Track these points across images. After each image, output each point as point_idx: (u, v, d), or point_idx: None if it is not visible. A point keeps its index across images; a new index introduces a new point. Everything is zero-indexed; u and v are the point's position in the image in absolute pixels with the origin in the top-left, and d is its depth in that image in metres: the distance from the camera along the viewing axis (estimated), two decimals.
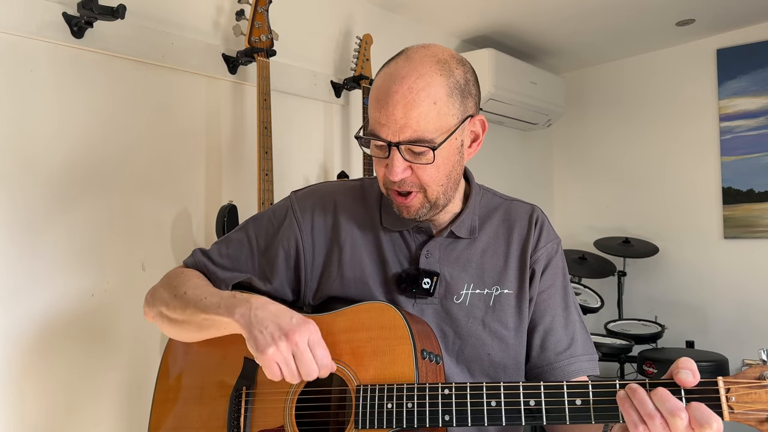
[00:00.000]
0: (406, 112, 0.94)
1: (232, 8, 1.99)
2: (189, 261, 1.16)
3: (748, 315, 3.06)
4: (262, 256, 1.12)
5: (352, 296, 1.07)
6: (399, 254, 1.09)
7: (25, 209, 1.53)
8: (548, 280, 1.10)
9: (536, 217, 1.13)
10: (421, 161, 0.97)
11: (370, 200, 1.14)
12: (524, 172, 3.63)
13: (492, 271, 1.08)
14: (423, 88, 0.94)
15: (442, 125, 0.96)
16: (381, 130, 0.96)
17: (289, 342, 0.91)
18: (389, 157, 0.97)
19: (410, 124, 0.94)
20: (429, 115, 0.95)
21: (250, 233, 1.14)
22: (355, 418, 0.93)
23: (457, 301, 1.06)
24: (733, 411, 0.75)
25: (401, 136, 0.95)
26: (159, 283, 1.15)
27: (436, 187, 1.01)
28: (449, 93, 0.97)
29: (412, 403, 0.90)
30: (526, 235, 1.11)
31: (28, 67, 1.54)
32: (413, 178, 0.99)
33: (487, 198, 1.15)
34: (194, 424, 1.08)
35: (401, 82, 0.95)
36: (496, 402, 0.87)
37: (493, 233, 1.11)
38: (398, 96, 0.94)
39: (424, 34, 2.81)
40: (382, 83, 0.98)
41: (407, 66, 0.97)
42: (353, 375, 0.96)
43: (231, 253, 1.13)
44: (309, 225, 1.11)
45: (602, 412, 0.82)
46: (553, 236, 1.13)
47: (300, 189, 1.18)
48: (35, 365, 1.53)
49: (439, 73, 0.96)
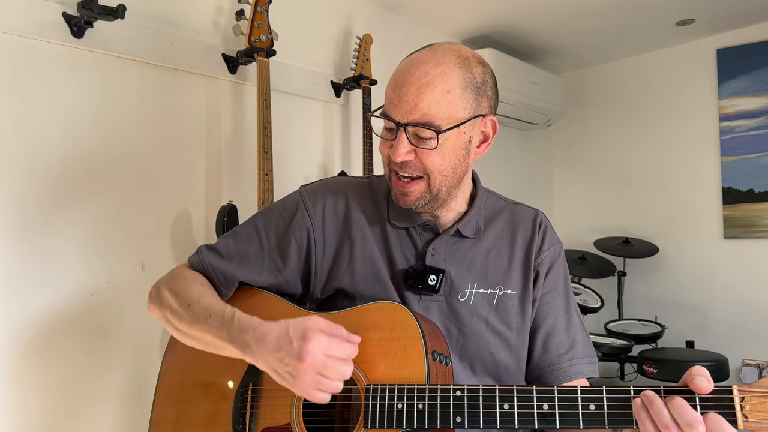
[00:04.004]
0: (418, 94, 0.96)
1: (232, 8, 1.99)
2: (194, 260, 1.13)
3: (748, 315, 3.06)
4: (273, 248, 1.11)
5: (361, 290, 1.07)
6: (406, 251, 1.10)
7: (26, 209, 1.52)
8: (551, 283, 1.11)
9: (540, 220, 1.14)
10: (426, 146, 0.99)
11: (378, 196, 1.15)
12: (524, 172, 3.63)
13: (496, 272, 1.09)
14: (439, 75, 0.97)
15: (451, 115, 0.98)
16: (392, 111, 0.99)
17: (306, 365, 0.88)
18: (395, 139, 0.99)
19: (420, 107, 0.96)
20: (440, 102, 0.97)
21: (260, 227, 1.13)
22: (364, 417, 0.93)
23: (461, 300, 1.07)
24: (747, 419, 0.75)
25: (410, 117, 0.97)
26: (164, 282, 1.11)
27: (439, 176, 1.02)
28: (464, 86, 0.99)
29: (423, 403, 0.90)
30: (530, 238, 1.12)
31: (28, 67, 1.54)
32: (417, 163, 1.00)
33: (492, 200, 1.17)
34: (198, 421, 1.08)
35: (419, 67, 0.98)
36: (509, 405, 0.86)
37: (498, 234, 1.12)
38: (413, 78, 0.97)
39: (424, 34, 2.81)
40: (401, 67, 1.01)
41: (428, 54, 1.00)
42: (363, 374, 0.96)
43: (239, 246, 1.12)
44: (320, 217, 1.11)
45: (616, 417, 0.82)
46: (556, 240, 1.14)
47: (309, 183, 1.18)
48: (35, 365, 1.53)
49: (458, 66, 0.99)
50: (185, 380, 1.12)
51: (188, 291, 1.06)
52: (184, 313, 1.03)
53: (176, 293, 1.06)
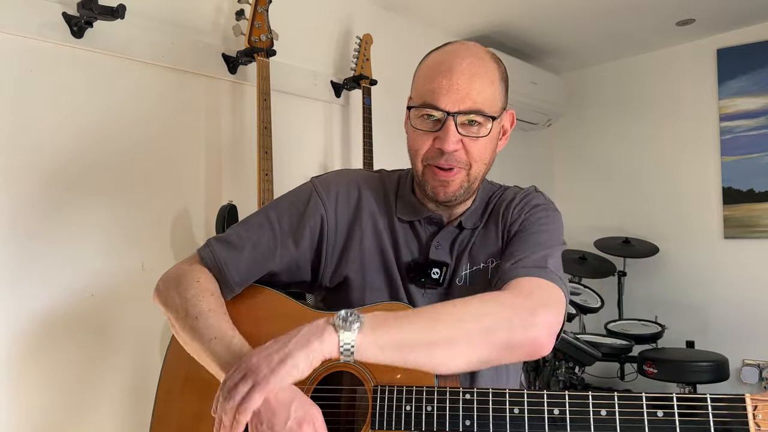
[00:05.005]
0: (470, 82, 0.97)
1: (232, 8, 1.98)
2: (206, 254, 1.08)
3: (748, 315, 3.06)
4: (286, 235, 1.09)
5: (369, 281, 1.08)
6: (411, 244, 1.11)
7: (25, 208, 1.52)
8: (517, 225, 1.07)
9: (526, 190, 1.13)
10: (476, 134, 1.00)
11: (388, 190, 1.15)
12: (524, 172, 3.62)
13: (486, 248, 1.10)
14: (483, 66, 1.00)
15: (495, 105, 1.01)
16: (440, 100, 0.98)
17: None
18: (442, 129, 0.99)
19: (472, 95, 0.97)
20: (487, 91, 0.99)
21: (272, 216, 1.10)
22: (371, 418, 0.93)
23: (459, 284, 1.08)
24: (760, 428, 0.75)
25: (461, 106, 0.98)
26: (173, 280, 1.07)
27: (481, 165, 1.04)
28: (501, 79, 1.03)
29: (431, 406, 0.89)
30: (507, 207, 1.11)
31: (28, 67, 1.54)
32: (461, 154, 1.01)
33: (486, 189, 1.18)
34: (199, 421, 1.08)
35: (464, 57, 0.99)
36: (519, 409, 0.86)
37: (490, 219, 1.13)
38: (463, 66, 0.98)
39: (424, 34, 2.81)
40: (441, 58, 1.01)
41: (464, 48, 1.02)
42: (370, 375, 0.95)
43: (251, 235, 1.09)
44: (334, 203, 1.11)
45: (627, 424, 0.81)
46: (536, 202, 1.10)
47: (320, 175, 1.19)
48: (35, 365, 1.53)
49: (493, 60, 1.03)
50: (186, 380, 1.12)
51: (200, 301, 1.01)
52: (189, 324, 1.00)
53: (185, 299, 1.02)
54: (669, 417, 0.80)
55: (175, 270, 1.10)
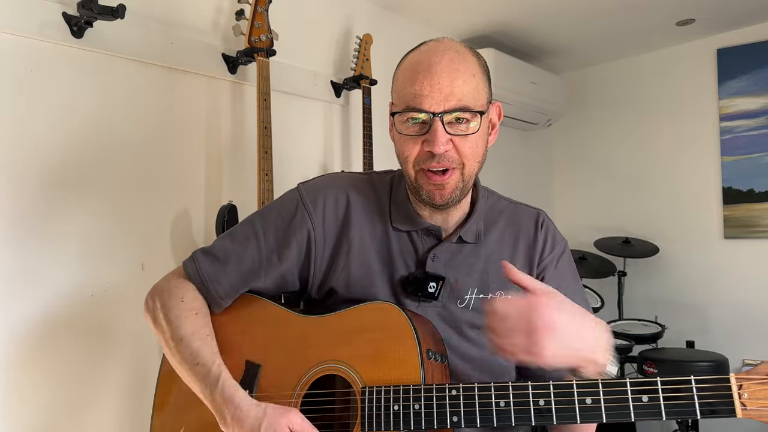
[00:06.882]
0: (451, 80, 0.95)
1: (232, 8, 1.98)
2: (191, 269, 1.09)
3: (748, 315, 3.06)
4: (271, 251, 1.08)
5: (355, 293, 1.06)
6: (406, 255, 1.08)
7: (25, 208, 1.52)
8: (556, 279, 1.08)
9: (542, 221, 1.12)
10: (465, 132, 0.97)
11: (380, 196, 1.12)
12: (524, 172, 3.62)
13: (497, 276, 1.06)
14: (462, 60, 0.97)
15: (479, 99, 0.98)
16: (423, 102, 0.95)
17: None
18: (429, 131, 0.96)
19: (455, 93, 0.95)
20: (470, 85, 0.97)
21: (257, 228, 1.10)
22: (361, 420, 0.93)
23: (460, 306, 1.05)
24: (746, 407, 0.75)
25: (446, 105, 0.95)
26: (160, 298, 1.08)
27: (474, 163, 1.01)
28: (482, 71, 1.00)
29: (419, 404, 0.90)
30: (532, 240, 1.10)
31: (28, 67, 1.53)
32: (453, 154, 0.98)
33: (492, 201, 1.14)
34: (196, 427, 1.07)
35: (442, 55, 0.97)
36: (505, 402, 0.86)
37: (499, 238, 1.10)
38: (442, 65, 0.96)
39: (424, 34, 2.79)
40: (418, 58, 0.99)
41: (441, 45, 1.00)
42: (358, 377, 0.95)
43: (236, 248, 1.09)
44: (321, 216, 1.09)
45: (613, 411, 0.81)
46: (559, 239, 1.13)
47: (307, 180, 1.16)
48: (35, 365, 1.53)
49: (471, 53, 1.01)
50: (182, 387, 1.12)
51: (182, 323, 1.04)
52: (173, 346, 1.04)
53: (170, 321, 1.05)
54: (654, 402, 0.80)
55: (164, 284, 1.12)
